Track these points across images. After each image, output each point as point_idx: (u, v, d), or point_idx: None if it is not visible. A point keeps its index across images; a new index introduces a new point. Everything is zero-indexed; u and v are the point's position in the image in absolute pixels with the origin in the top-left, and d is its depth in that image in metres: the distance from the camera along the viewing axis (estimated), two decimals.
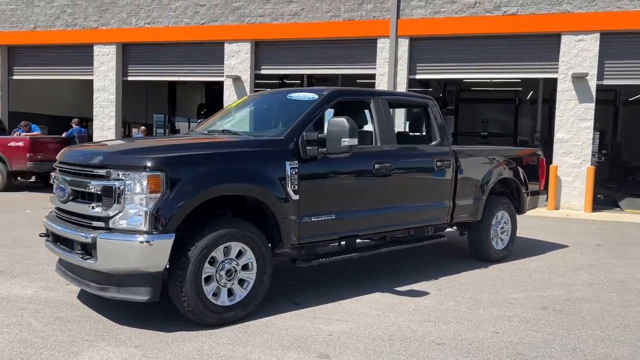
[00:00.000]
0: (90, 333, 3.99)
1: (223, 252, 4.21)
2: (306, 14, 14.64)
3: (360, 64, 14.62)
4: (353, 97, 5.67)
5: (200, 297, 4.05)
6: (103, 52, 16.44)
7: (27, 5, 17.18)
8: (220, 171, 4.18)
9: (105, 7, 16.36)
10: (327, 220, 4.89)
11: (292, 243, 4.70)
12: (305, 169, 4.67)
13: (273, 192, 4.43)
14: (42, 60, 17.45)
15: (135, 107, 23.60)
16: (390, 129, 5.56)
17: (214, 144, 4.65)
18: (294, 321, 4.40)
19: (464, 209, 6.34)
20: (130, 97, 18.68)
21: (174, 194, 3.92)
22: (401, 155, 5.59)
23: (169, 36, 15.75)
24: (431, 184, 5.93)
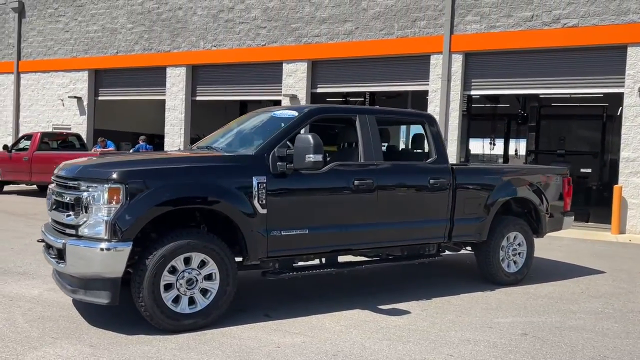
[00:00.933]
0: (60, 331, 4.36)
1: (183, 261, 4.44)
2: (360, 32, 14.82)
3: (414, 81, 14.53)
4: (335, 114, 5.75)
5: (157, 303, 4.29)
6: (175, 74, 17.58)
7: (111, 32, 18.80)
8: (179, 185, 4.43)
9: (177, 32, 17.52)
10: (299, 235, 4.98)
11: (261, 256, 4.84)
12: (274, 183, 4.81)
13: (237, 205, 4.61)
14: (122, 82, 18.97)
15: (214, 123, 24.79)
16: (376, 146, 5.56)
17: (182, 159, 4.94)
18: (253, 332, 4.52)
19: (465, 228, 6.15)
20: (208, 114, 19.82)
21: (132, 205, 4.22)
22: (387, 172, 5.56)
23: (232, 57, 16.56)
24: (424, 202, 5.83)
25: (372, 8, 14.67)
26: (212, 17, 16.90)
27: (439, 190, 5.87)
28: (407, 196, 5.74)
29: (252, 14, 16.27)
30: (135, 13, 18.30)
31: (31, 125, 20.64)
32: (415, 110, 6.60)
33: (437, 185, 5.83)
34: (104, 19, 18.96)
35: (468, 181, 6.17)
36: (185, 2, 17.35)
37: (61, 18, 19.95)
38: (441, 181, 5.86)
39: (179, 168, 4.58)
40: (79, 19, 19.52)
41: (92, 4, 19.21)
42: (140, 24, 18.23)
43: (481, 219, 6.23)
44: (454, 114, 13.84)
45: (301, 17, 15.57)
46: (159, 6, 17.84)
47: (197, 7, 17.15)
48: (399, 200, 5.66)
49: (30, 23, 20.75)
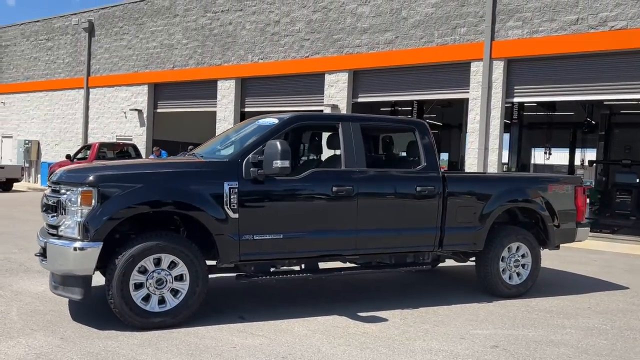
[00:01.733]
0: (41, 324, 4.70)
1: (154, 262, 4.67)
2: (400, 41, 14.76)
3: (454, 89, 14.28)
4: (316, 122, 5.81)
5: (125, 301, 4.54)
6: (225, 87, 18.23)
7: (168, 48, 19.80)
8: (147, 190, 4.66)
9: (228, 46, 18.19)
10: (273, 240, 5.09)
11: (233, 260, 4.99)
12: (247, 189, 4.95)
13: (207, 210, 4.79)
14: (178, 95, 19.90)
15: None
16: (358, 153, 5.57)
17: (158, 165, 5.18)
18: (218, 332, 4.66)
19: (458, 237, 6.01)
20: None
21: (103, 207, 4.50)
22: (369, 179, 5.56)
23: (278, 69, 16.96)
24: (410, 210, 5.76)
25: (412, 17, 14.59)
26: (260, 31, 17.42)
27: (427, 198, 5.78)
28: (391, 203, 5.70)
29: (297, 26, 16.62)
30: (190, 29, 19.18)
31: (98, 136, 22.05)
32: (407, 118, 6.54)
33: (424, 193, 5.75)
34: (162, 35, 20.00)
35: (460, 189, 6.03)
36: (235, 17, 18.00)
37: (125, 36, 21.25)
38: (429, 189, 5.77)
39: (150, 173, 4.82)
40: (140, 36, 20.71)
41: (152, 21, 20.33)
42: (194, 40, 19.08)
43: (476, 228, 6.06)
44: (494, 122, 13.45)
45: (343, 28, 15.73)
46: (211, 22, 18.61)
47: (246, 21, 17.74)
48: (383, 208, 5.63)
49: (99, 41, 22.24)
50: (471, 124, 13.83)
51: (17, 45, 25.90)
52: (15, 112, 25.95)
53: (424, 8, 14.42)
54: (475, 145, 13.70)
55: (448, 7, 14.06)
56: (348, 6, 15.64)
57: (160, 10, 20.09)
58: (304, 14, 16.48)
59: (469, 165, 13.83)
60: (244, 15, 17.83)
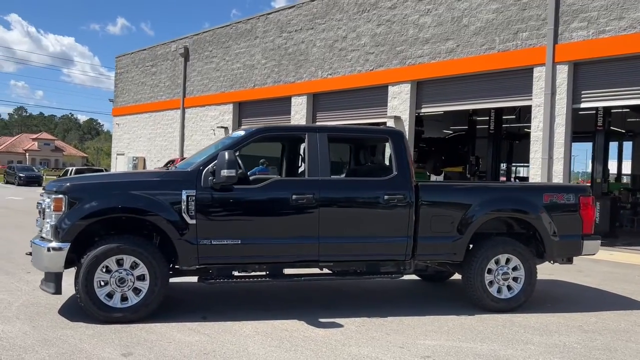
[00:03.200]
0: (28, 314, 5.38)
1: (116, 262, 5.17)
2: (461, 49, 14.42)
3: (516, 96, 13.65)
4: (282, 133, 6.02)
5: (89, 296, 5.08)
6: (297, 102, 18.91)
7: (250, 68, 20.96)
8: (109, 197, 5.18)
9: (300, 64, 18.88)
10: (231, 245, 5.39)
11: (192, 263, 5.36)
12: (204, 197, 5.32)
13: (165, 216, 5.22)
14: (258, 112, 20.95)
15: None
16: (323, 162, 5.70)
17: (127, 175, 5.70)
18: (168, 329, 5.03)
19: (433, 247, 5.89)
20: None
21: (70, 213, 5.10)
22: (332, 187, 5.66)
23: (345, 84, 17.29)
24: (377, 218, 5.76)
25: (473, 24, 14.20)
26: (329, 48, 17.89)
27: (396, 206, 5.74)
28: (356, 211, 5.75)
29: (362, 40, 16.85)
30: (268, 49, 20.17)
31: (192, 152, 23.77)
32: (381, 127, 6.49)
33: (393, 201, 5.72)
34: (244, 57, 21.23)
35: (435, 198, 5.91)
36: (307, 36, 18.65)
37: (214, 59, 22.83)
38: (398, 197, 5.74)
39: (115, 182, 5.37)
40: (226, 58, 22.13)
41: (236, 44, 21.66)
42: (271, 59, 20.03)
43: (454, 238, 5.89)
44: (559, 130, 12.63)
45: (405, 40, 15.70)
46: (286, 41, 19.44)
47: (317, 39, 18.31)
48: (347, 216, 5.70)
49: (192, 65, 24.10)
50: (534, 132, 13.10)
51: (129, 72, 28.81)
52: (127, 132, 28.79)
53: (484, 14, 13.98)
54: (538, 155, 12.95)
55: (509, 11, 13.52)
56: (410, 17, 15.58)
57: (243, 33, 21.35)
58: (369, 28, 16.67)
59: (533, 176, 13.09)
60: (314, 33, 18.42)
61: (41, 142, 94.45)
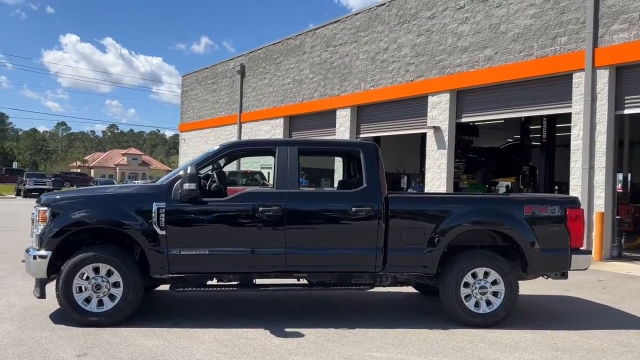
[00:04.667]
0: (21, 316, 5.88)
1: (94, 270, 5.57)
2: (499, 57, 14.03)
3: (555, 103, 13.07)
4: (254, 147, 6.20)
5: (68, 301, 5.50)
6: (342, 115, 19.08)
7: (299, 83, 21.42)
8: (87, 210, 5.59)
9: (344, 77, 19.07)
10: (199, 255, 5.64)
11: (163, 272, 5.65)
12: (174, 209, 5.61)
13: (136, 227, 5.56)
14: (307, 125, 21.32)
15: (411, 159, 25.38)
16: (291, 175, 5.83)
17: (107, 188, 6.08)
18: (135, 334, 5.32)
19: (404, 259, 5.83)
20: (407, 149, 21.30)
21: (53, 224, 5.56)
22: (299, 199, 5.78)
23: (386, 95, 17.28)
24: (345, 230, 5.79)
25: (510, 30, 13.79)
26: (371, 60, 17.96)
27: (365, 218, 5.75)
28: (324, 223, 5.81)
29: (403, 51, 16.79)
30: (315, 64, 20.54)
31: (247, 165, 24.55)
32: (352, 140, 6.48)
33: (361, 213, 5.74)
34: (294, 72, 21.73)
35: (405, 210, 5.85)
36: (351, 49, 18.83)
37: (267, 75, 23.52)
38: (366, 209, 5.75)
39: (94, 196, 5.78)
40: (278, 74, 22.74)
41: (286, 60, 22.21)
42: (318, 73, 20.37)
43: (425, 250, 5.80)
44: (600, 137, 11.95)
45: (444, 49, 15.48)
46: (332, 55, 19.71)
47: (360, 52, 18.44)
48: (314, 227, 5.78)
49: (248, 81, 24.94)
50: (574, 140, 12.46)
51: (193, 89, 30.24)
52: (192, 147, 30.16)
53: (522, 20, 13.53)
54: (579, 165, 12.29)
55: (547, 16, 13.01)
56: (449, 26, 15.36)
57: (293, 49, 21.87)
58: (409, 38, 16.59)
59: (573, 187, 12.43)
60: (357, 45, 18.56)
61: (130, 157, 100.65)
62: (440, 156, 15.51)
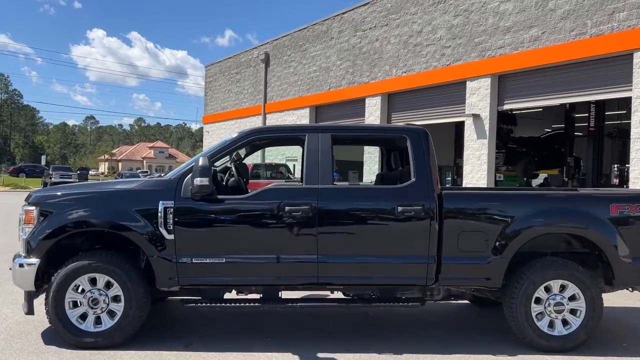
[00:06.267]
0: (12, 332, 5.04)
1: (89, 281, 4.67)
2: (547, 37, 12.75)
3: (613, 87, 11.76)
4: (278, 134, 5.19)
5: (59, 318, 4.61)
6: (372, 103, 17.99)
7: (325, 71, 20.37)
8: (81, 209, 4.67)
9: (374, 63, 17.95)
10: (214, 264, 4.69)
11: (171, 284, 4.72)
12: (184, 209, 4.67)
13: (140, 230, 4.63)
14: (333, 116, 20.28)
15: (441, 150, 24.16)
16: (324, 167, 4.83)
17: (105, 184, 5.16)
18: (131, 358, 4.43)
19: (461, 270, 4.79)
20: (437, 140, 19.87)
21: (42, 226, 4.67)
22: (333, 197, 4.77)
23: (419, 81, 16.13)
24: (390, 234, 4.77)
25: (560, 7, 12.49)
26: (403, 44, 16.80)
27: (414, 219, 4.72)
28: (363, 225, 4.79)
29: (438, 34, 15.60)
30: (343, 50, 19.45)
31: (272, 157, 23.62)
32: (397, 125, 5.40)
33: (409, 213, 4.71)
34: (320, 59, 20.68)
35: (464, 210, 4.80)
36: (381, 33, 17.69)
37: (292, 63, 22.52)
38: (416, 209, 4.71)
39: (89, 193, 4.86)
40: (304, 62, 21.71)
41: (312, 46, 21.17)
42: (346, 60, 19.28)
43: (488, 259, 4.75)
44: None
45: (485, 30, 14.24)
46: (361, 40, 18.60)
47: (391, 35, 17.29)
48: (351, 230, 4.77)
49: (273, 71, 23.98)
50: (635, 128, 11.16)
51: (216, 80, 29.43)
52: (215, 139, 29.35)
53: None
54: None
55: None
56: (490, 5, 14.11)
57: (319, 35, 20.81)
58: (445, 20, 15.37)
59: (634, 179, 11.15)
60: (389, 29, 17.41)
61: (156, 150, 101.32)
62: (480, 146, 14.31)
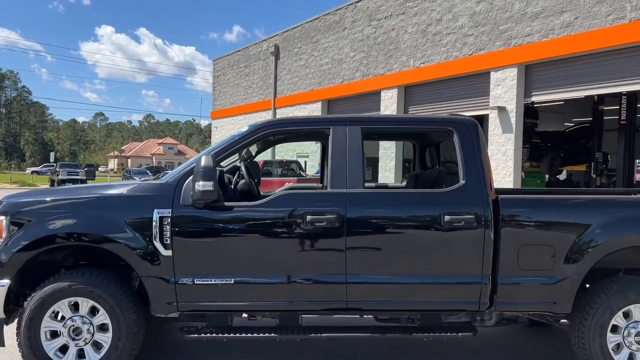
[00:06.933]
0: None
1: (70, 307, 3.86)
2: (581, 22, 11.78)
3: None
4: (297, 127, 4.32)
5: (34, 351, 3.82)
6: (387, 96, 17.08)
7: (338, 63, 19.48)
8: (57, 219, 3.86)
9: (390, 53, 17.03)
10: (221, 286, 3.86)
11: (168, 310, 3.90)
12: (184, 218, 3.85)
13: (130, 244, 3.81)
14: (346, 109, 19.37)
15: None
16: (354, 167, 3.97)
17: (86, 188, 4.33)
18: None
19: (522, 292, 3.93)
20: None
21: (13, 240, 3.86)
22: (365, 203, 3.92)
23: (439, 73, 15.20)
24: (435, 248, 3.91)
25: None
26: (421, 33, 15.87)
27: (464, 230, 3.86)
28: (402, 238, 3.93)
29: (459, 22, 14.65)
30: (357, 41, 18.54)
31: (282, 153, 22.81)
32: (440, 116, 4.53)
33: (458, 223, 3.85)
34: (332, 50, 19.78)
35: (527, 219, 3.93)
36: (398, 22, 16.76)
37: (303, 55, 21.64)
38: (467, 217, 3.85)
39: (70, 200, 4.03)
40: (315, 54, 20.83)
41: (324, 38, 20.28)
42: (360, 51, 18.37)
43: (555, 279, 3.88)
44: None
45: (510, 16, 13.28)
46: (375, 30, 17.68)
47: (408, 24, 16.36)
48: (388, 244, 3.91)
49: (283, 63, 23.11)
50: None
51: (225, 74, 28.61)
52: (224, 135, 28.55)
53: None
54: None
55: None
56: None
57: (331, 26, 19.91)
58: (467, 6, 14.42)
59: None
60: (405, 18, 16.47)
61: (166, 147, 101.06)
62: (505, 141, 13.38)
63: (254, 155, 5.25)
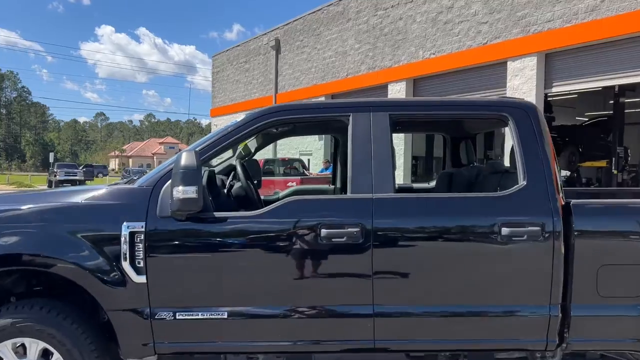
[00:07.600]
0: None
1: (15, 350, 2.97)
2: (608, 6, 10.85)
3: None
4: (306, 114, 3.41)
5: None
6: (395, 90, 16.17)
7: (342, 55, 18.57)
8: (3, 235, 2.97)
9: (398, 44, 16.11)
10: (209, 321, 2.96)
11: (143, 352, 3.00)
12: (163, 234, 2.95)
13: (88, 266, 2.92)
14: None
15: None
16: (380, 166, 3.07)
17: (39, 195, 3.43)
18: None
19: (603, 324, 3.02)
20: None
21: None
22: (396, 211, 3.02)
23: (451, 64, 14.28)
24: (487, 270, 3.01)
25: None
26: (431, 22, 14.94)
27: (526, 246, 2.96)
28: (444, 257, 3.03)
29: (473, 9, 13.72)
30: (362, 32, 17.62)
31: (284, 152, 21.94)
32: (494, 99, 3.65)
33: (519, 237, 2.95)
34: (336, 43, 18.87)
35: (608, 228, 3.03)
36: (406, 11, 15.83)
37: (305, 49, 20.73)
38: (530, 230, 2.94)
39: (11, 210, 3.13)
40: (318, 47, 19.92)
41: (327, 30, 19.37)
42: (365, 43, 17.46)
43: None
44: None
45: (529, 2, 12.35)
46: (382, 20, 16.76)
47: (417, 13, 15.43)
48: (427, 265, 3.01)
49: (284, 58, 22.20)
50: None
51: (224, 70, 27.70)
52: None
53: None
54: None
55: None
56: None
57: (335, 17, 18.99)
58: None
59: None
60: (414, 6, 15.54)
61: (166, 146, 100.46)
62: None
63: (253, 152, 4.36)
